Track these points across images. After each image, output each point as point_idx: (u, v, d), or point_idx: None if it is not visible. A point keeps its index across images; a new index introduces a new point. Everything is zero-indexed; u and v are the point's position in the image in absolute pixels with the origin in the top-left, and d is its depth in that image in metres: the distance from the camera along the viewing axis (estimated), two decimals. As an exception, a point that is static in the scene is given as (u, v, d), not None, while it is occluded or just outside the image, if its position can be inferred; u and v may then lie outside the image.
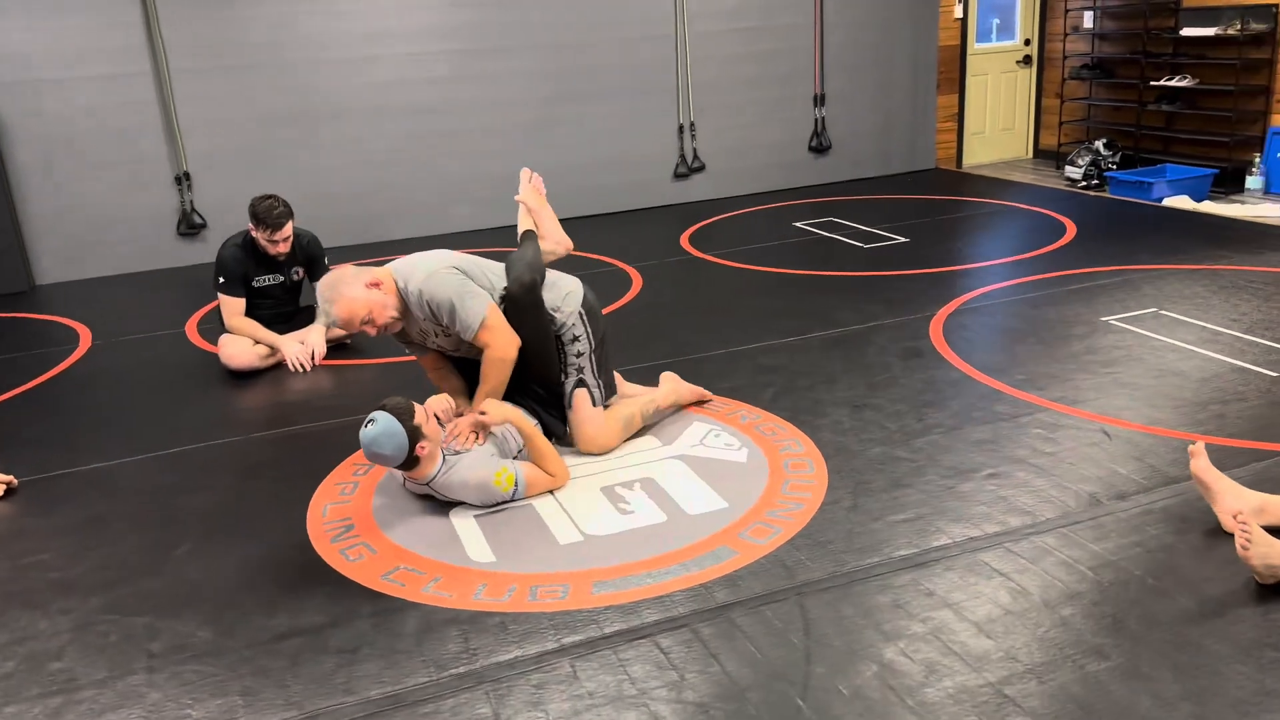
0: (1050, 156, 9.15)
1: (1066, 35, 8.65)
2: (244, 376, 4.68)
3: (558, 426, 3.58)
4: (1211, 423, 3.53)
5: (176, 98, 6.85)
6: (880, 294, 5.35)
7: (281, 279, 4.86)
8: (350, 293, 3.23)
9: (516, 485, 3.22)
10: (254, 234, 4.67)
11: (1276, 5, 7.01)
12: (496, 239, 7.37)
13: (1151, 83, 7.86)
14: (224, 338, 4.75)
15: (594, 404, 3.54)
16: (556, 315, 3.48)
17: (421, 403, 3.25)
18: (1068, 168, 8.21)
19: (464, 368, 3.64)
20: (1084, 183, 7.98)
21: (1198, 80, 7.59)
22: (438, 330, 3.42)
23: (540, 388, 3.54)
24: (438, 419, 3.26)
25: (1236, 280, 5.18)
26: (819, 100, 8.45)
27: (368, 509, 3.30)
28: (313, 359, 4.73)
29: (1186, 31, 7.52)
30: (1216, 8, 7.41)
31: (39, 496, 3.56)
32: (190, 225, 7.08)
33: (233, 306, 4.75)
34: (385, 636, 2.61)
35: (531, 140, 7.73)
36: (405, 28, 7.27)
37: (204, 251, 7.15)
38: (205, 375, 4.77)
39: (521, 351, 3.40)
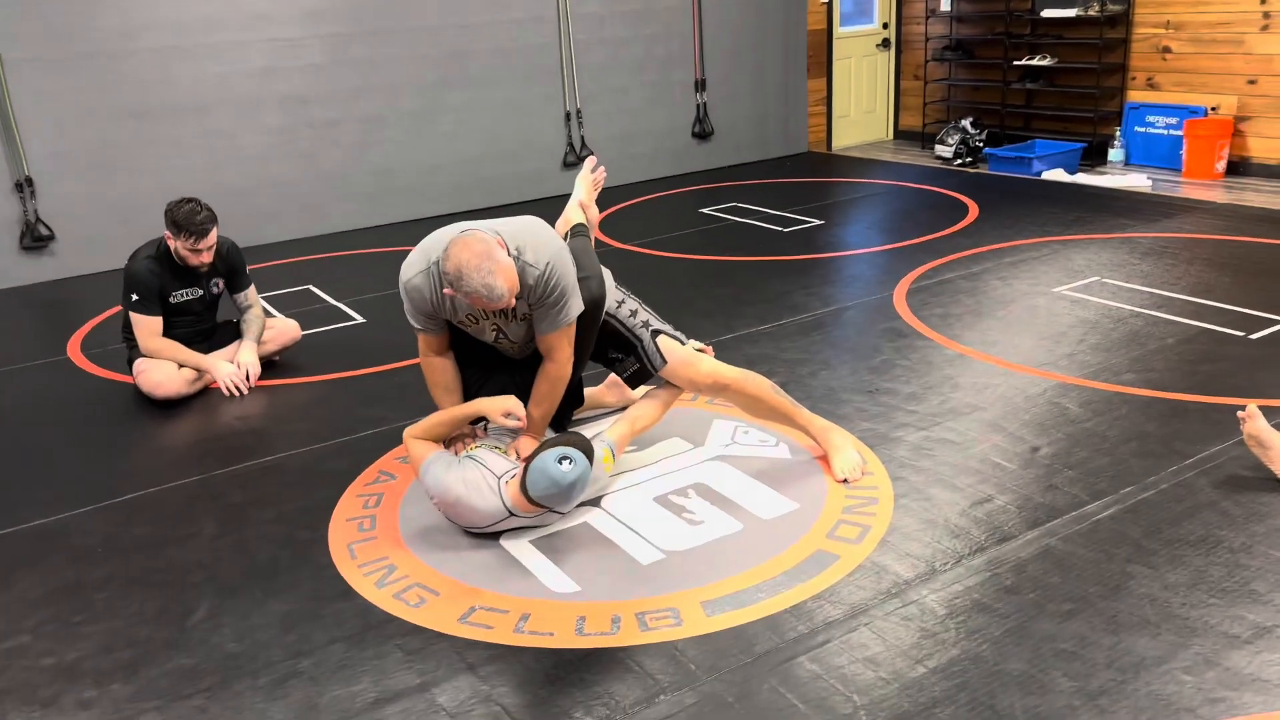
0: (912, 137, 9.46)
1: (928, 18, 8.95)
2: (169, 405, 4.11)
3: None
4: (1214, 384, 3.67)
5: (13, 92, 5.98)
6: (825, 277, 5.33)
7: (201, 293, 4.30)
8: (504, 259, 2.71)
9: (614, 457, 3.06)
10: (172, 243, 4.11)
11: (1129, -12, 7.49)
12: (383, 238, 6.91)
13: (1015, 62, 8.24)
14: (142, 362, 4.16)
15: (683, 344, 3.21)
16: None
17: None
18: (938, 146, 8.50)
19: (468, 359, 3.17)
20: (957, 160, 8.28)
21: (1057, 59, 8.02)
22: (524, 313, 2.93)
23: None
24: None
25: (1153, 246, 5.47)
26: (700, 86, 8.39)
27: (401, 545, 2.93)
28: (248, 380, 4.24)
29: (1046, 13, 7.92)
30: (1072, -9, 7.84)
31: (-22, 567, 2.98)
32: (36, 237, 6.22)
33: (150, 326, 4.16)
34: (503, 689, 2.30)
35: (416, 130, 7.28)
36: (274, 10, 6.64)
37: (54, 267, 6.32)
38: (119, 406, 4.18)
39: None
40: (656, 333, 3.18)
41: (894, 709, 2.15)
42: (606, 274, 3.22)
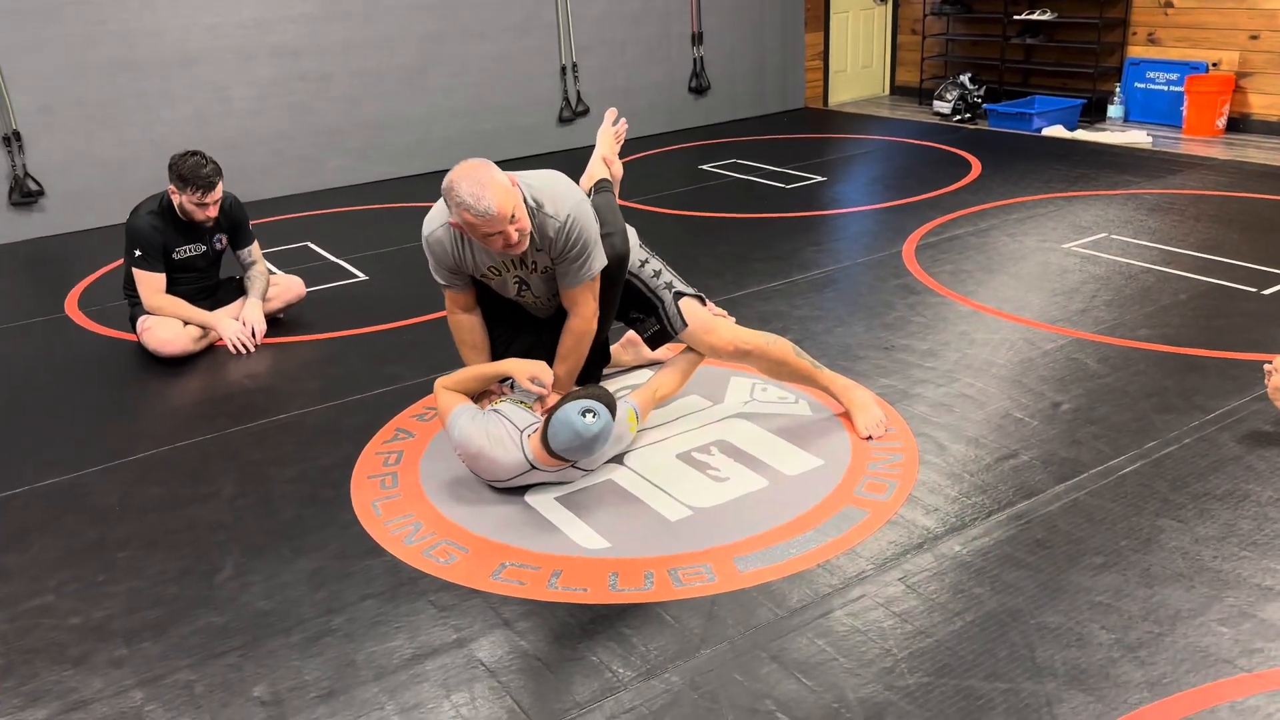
0: (908, 93, 9.39)
1: (926, -29, 8.84)
2: (175, 363, 4.06)
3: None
4: (1229, 339, 3.68)
5: (-2, 43, 5.85)
6: (832, 233, 5.29)
7: (204, 248, 4.23)
8: (503, 180, 2.66)
9: (638, 419, 3.03)
10: (178, 198, 4.02)
11: (1132, -59, 7.42)
12: (378, 193, 6.82)
13: (1014, 17, 8.17)
14: (147, 320, 4.09)
15: (703, 305, 3.18)
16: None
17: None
18: (936, 102, 8.43)
19: (496, 317, 3.15)
20: (956, 116, 8.23)
21: (1057, 14, 7.95)
22: (545, 266, 2.91)
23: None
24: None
25: (1158, 203, 5.46)
26: (697, 39, 8.27)
27: (426, 502, 2.91)
28: (254, 338, 4.18)
29: (1047, -33, 7.84)
30: (1073, -56, 7.76)
31: (-6, 526, 2.94)
32: (25, 193, 6.10)
33: (154, 283, 4.09)
34: (541, 644, 2.29)
35: (410, 84, 7.15)
36: (264, -40, 6.50)
37: (44, 223, 6.21)
38: (123, 364, 4.12)
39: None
40: (679, 295, 3.14)
41: (935, 661, 2.16)
42: (631, 232, 3.18)
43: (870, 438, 3.10)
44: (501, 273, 2.92)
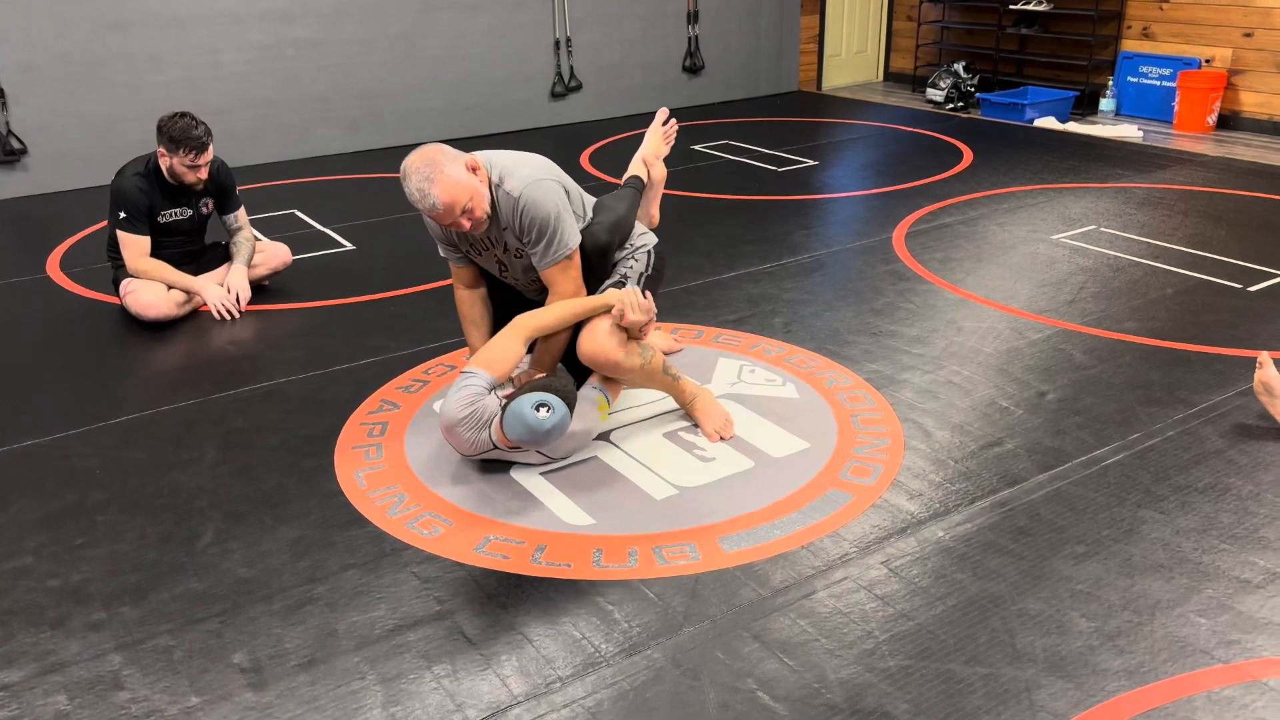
0: (902, 80, 9.37)
1: (923, -42, 8.81)
2: (158, 327, 4.02)
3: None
4: (1215, 334, 3.70)
5: (-18, -3, 5.74)
6: (823, 218, 5.28)
7: (190, 213, 4.18)
8: (454, 173, 2.65)
9: (609, 404, 2.97)
10: (167, 160, 3.97)
11: (1130, -66, 7.40)
12: (367, 163, 6.76)
13: (1010, 6, 8.15)
14: (131, 283, 4.05)
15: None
16: (625, 246, 3.10)
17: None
18: (929, 90, 8.42)
19: (500, 297, 3.13)
20: (949, 105, 8.22)
21: (1053, 5, 7.94)
22: (516, 248, 2.88)
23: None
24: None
25: (1148, 197, 5.48)
26: (692, 18, 8.22)
27: (410, 474, 2.89)
28: (238, 304, 4.14)
29: (1045, -43, 7.82)
30: (1072, -65, 7.74)
31: (-29, 486, 2.91)
32: (8, 151, 6.01)
33: (138, 246, 4.05)
34: (525, 618, 2.29)
35: (401, 54, 7.08)
36: (256, -77, 6.40)
37: (26, 182, 6.12)
38: (105, 327, 4.07)
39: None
40: (621, 284, 3.01)
41: (916, 644, 2.17)
42: (648, 235, 3.12)
43: (723, 439, 3.04)
44: (482, 252, 2.91)
